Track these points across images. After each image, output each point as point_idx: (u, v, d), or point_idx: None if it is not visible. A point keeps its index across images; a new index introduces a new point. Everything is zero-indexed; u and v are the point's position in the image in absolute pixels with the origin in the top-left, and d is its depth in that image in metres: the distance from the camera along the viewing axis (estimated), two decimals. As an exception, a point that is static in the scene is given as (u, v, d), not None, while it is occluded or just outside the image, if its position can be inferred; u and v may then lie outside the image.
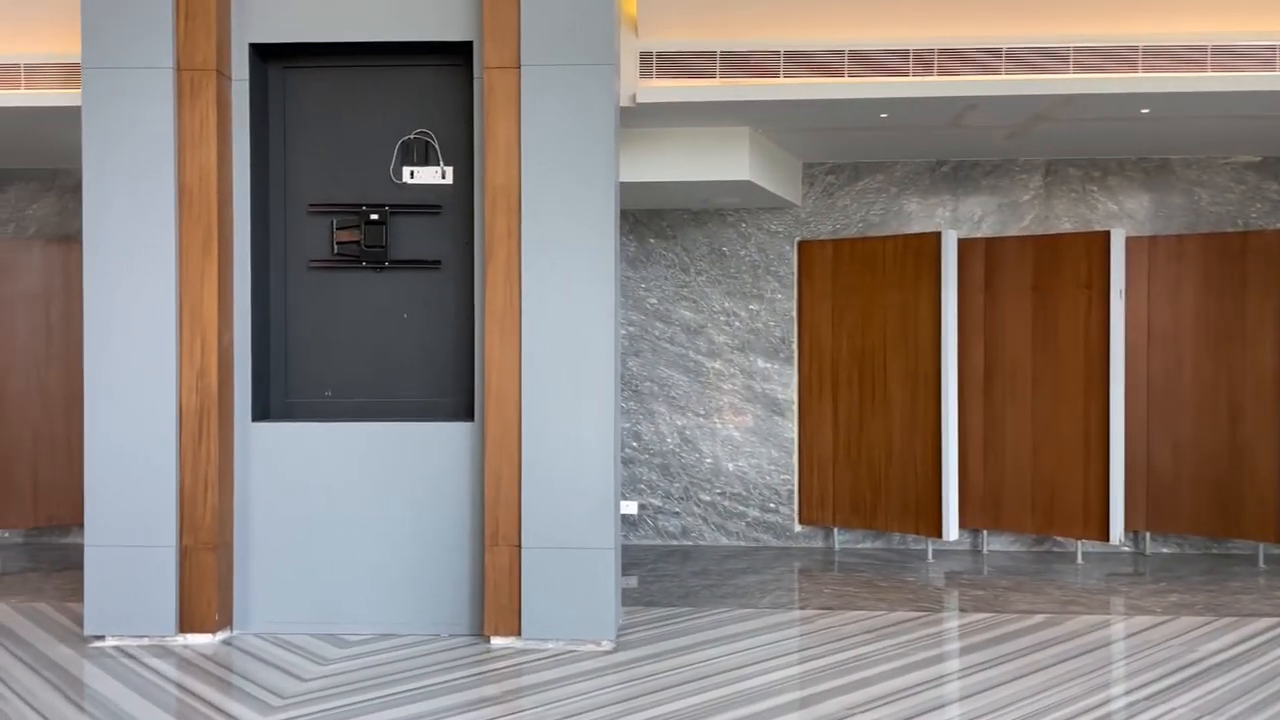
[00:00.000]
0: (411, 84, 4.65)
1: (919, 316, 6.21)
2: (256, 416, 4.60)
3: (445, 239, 4.65)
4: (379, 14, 4.48)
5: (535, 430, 4.36)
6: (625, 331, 6.80)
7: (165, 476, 4.39)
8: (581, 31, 4.31)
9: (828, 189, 6.73)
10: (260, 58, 4.59)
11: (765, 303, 6.75)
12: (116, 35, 4.34)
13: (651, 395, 6.81)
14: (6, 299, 6.43)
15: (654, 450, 6.81)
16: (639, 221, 6.80)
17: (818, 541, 6.77)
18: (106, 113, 4.36)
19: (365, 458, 4.57)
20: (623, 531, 6.82)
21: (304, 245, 4.69)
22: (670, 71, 5.08)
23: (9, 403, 6.46)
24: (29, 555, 6.49)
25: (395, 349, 4.68)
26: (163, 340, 4.37)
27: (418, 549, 4.55)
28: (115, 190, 4.37)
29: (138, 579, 4.41)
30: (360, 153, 4.66)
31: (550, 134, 4.32)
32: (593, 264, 4.34)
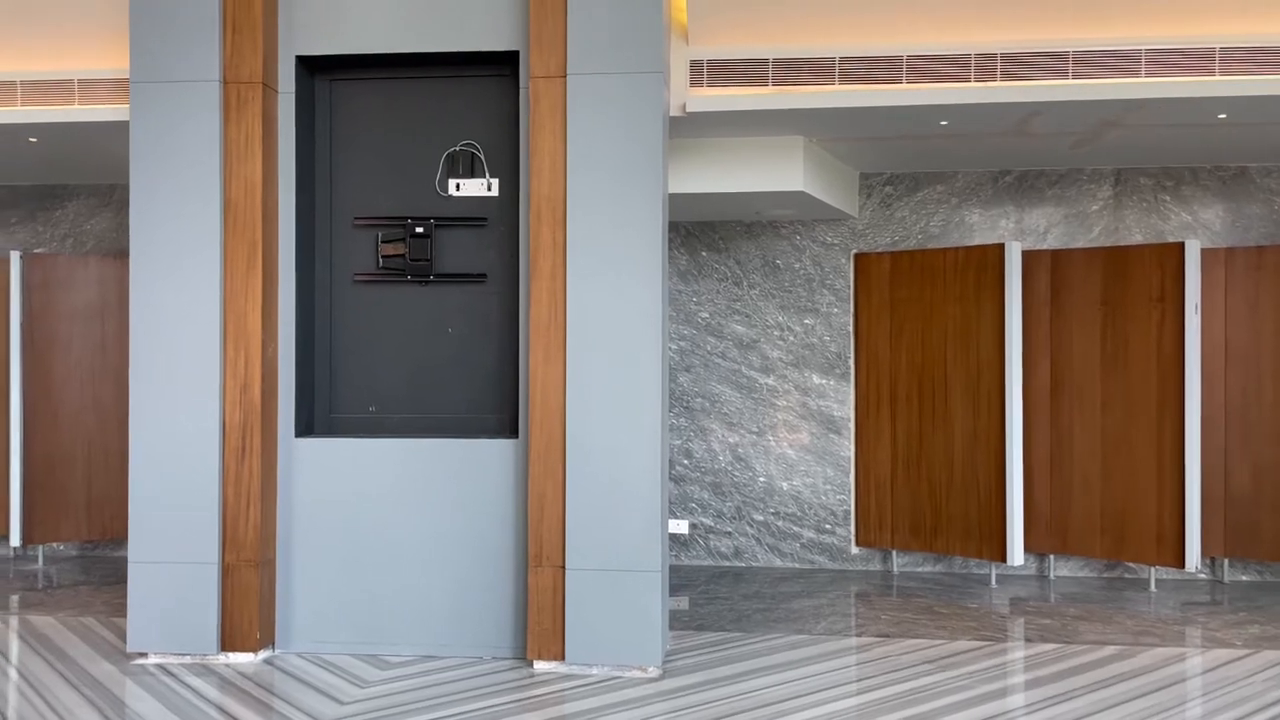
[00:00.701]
0: (458, 95, 4.58)
1: (981, 331, 5.98)
2: (300, 432, 4.54)
3: (491, 252, 4.56)
4: (425, 25, 4.42)
5: (580, 448, 4.23)
6: (676, 346, 6.66)
7: (208, 492, 4.35)
8: (629, 40, 4.20)
9: (886, 200, 6.54)
10: (307, 70, 4.56)
11: (821, 317, 6.57)
12: (164, 49, 4.33)
13: (703, 412, 6.66)
14: (63, 313, 6.49)
15: (705, 468, 6.66)
16: (690, 234, 6.67)
17: (875, 564, 6.55)
18: (154, 126, 4.35)
19: (408, 475, 4.48)
20: (673, 551, 6.67)
21: (349, 259, 4.63)
22: (722, 80, 4.95)
23: (64, 416, 6.52)
24: (81, 568, 6.53)
25: (440, 364, 4.60)
26: (207, 354, 4.34)
27: (460, 569, 4.45)
28: (162, 204, 4.35)
29: (180, 596, 4.37)
30: (406, 165, 4.60)
31: (597, 144, 4.22)
32: (640, 277, 4.22)
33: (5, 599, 5.68)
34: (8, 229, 7.04)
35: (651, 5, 4.20)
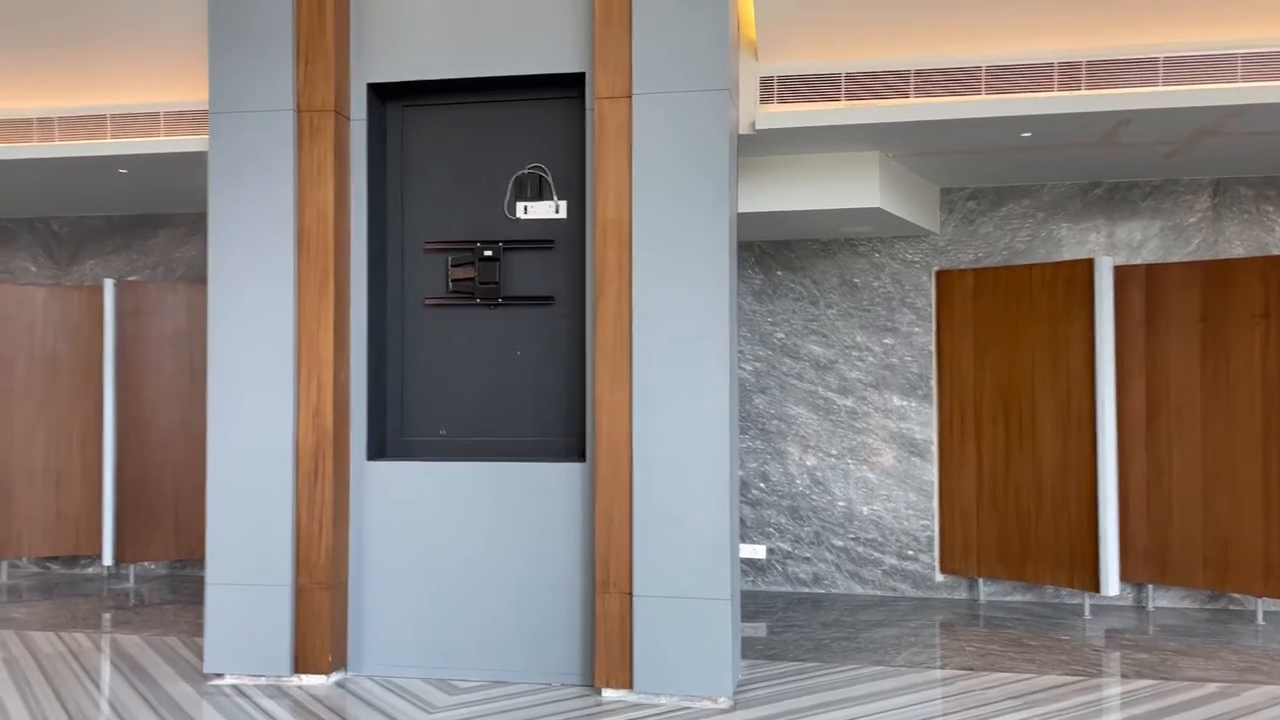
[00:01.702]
0: (526, 118, 4.58)
1: (1071, 351, 5.74)
2: (372, 455, 4.57)
3: (559, 274, 4.53)
4: (493, 50, 4.44)
5: (647, 472, 4.16)
6: (751, 368, 6.55)
7: (282, 515, 4.40)
8: (694, 58, 4.14)
9: (968, 215, 6.34)
10: (378, 97, 4.61)
11: (901, 337, 6.39)
12: (240, 80, 4.43)
13: (779, 434, 6.52)
14: (153, 339, 6.69)
15: (783, 492, 6.52)
16: (765, 253, 6.56)
17: (961, 593, 6.31)
18: (231, 155, 4.44)
19: (478, 498, 4.47)
20: (750, 576, 6.53)
21: (419, 283, 4.66)
22: (792, 96, 4.86)
23: (154, 438, 6.71)
24: (170, 587, 6.69)
25: (508, 387, 4.58)
26: (281, 378, 4.40)
27: (529, 593, 4.41)
28: (238, 231, 4.44)
29: (255, 617, 4.41)
30: (475, 189, 4.61)
31: (662, 164, 4.16)
32: (707, 297, 4.14)
33: (97, 617, 5.84)
34: (103, 257, 7.31)
35: (717, 23, 4.14)
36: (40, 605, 6.18)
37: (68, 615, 5.88)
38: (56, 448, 6.86)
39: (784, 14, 4.57)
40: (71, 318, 6.85)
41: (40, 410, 6.84)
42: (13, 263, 7.48)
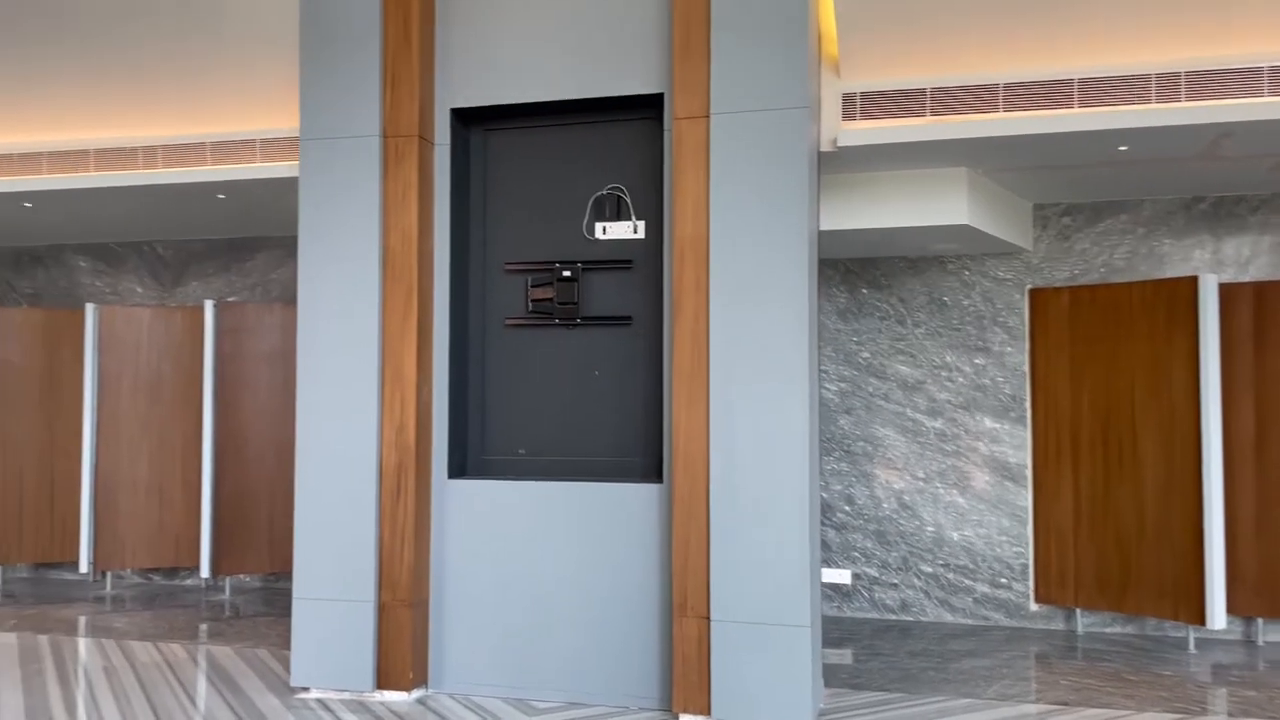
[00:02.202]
0: (605, 139, 4.60)
1: (1173, 371, 5.49)
2: (453, 473, 4.62)
3: (636, 294, 4.53)
4: (573, 72, 4.47)
5: (724, 494, 4.11)
6: (835, 388, 6.44)
7: (365, 531, 4.47)
8: (773, 77, 4.10)
9: (1063, 231, 6.14)
10: (461, 122, 4.69)
11: (993, 357, 6.21)
12: (329, 107, 4.55)
13: (865, 456, 6.39)
14: (250, 358, 6.90)
15: (869, 515, 6.38)
16: (850, 271, 6.46)
17: (1057, 623, 6.08)
18: (320, 180, 4.56)
19: (556, 518, 4.48)
20: (835, 603, 6.40)
21: (500, 303, 4.70)
22: (875, 112, 4.78)
23: (249, 454, 6.91)
24: (264, 600, 6.87)
25: (586, 407, 4.59)
26: (366, 397, 4.48)
27: (607, 615, 4.39)
28: (326, 253, 4.55)
29: (339, 633, 4.49)
30: (555, 210, 4.65)
31: (740, 183, 4.13)
32: (787, 317, 4.08)
33: (194, 628, 6.03)
34: (205, 279, 7.59)
35: (796, 42, 4.09)
36: (140, 616, 6.40)
37: (166, 626, 6.07)
38: (159, 462, 7.12)
39: (866, 30, 4.50)
40: (174, 337, 7.12)
41: (144, 426, 7.12)
42: (121, 284, 7.82)
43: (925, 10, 4.29)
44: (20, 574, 7.85)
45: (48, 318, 7.40)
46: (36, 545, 7.38)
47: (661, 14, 4.37)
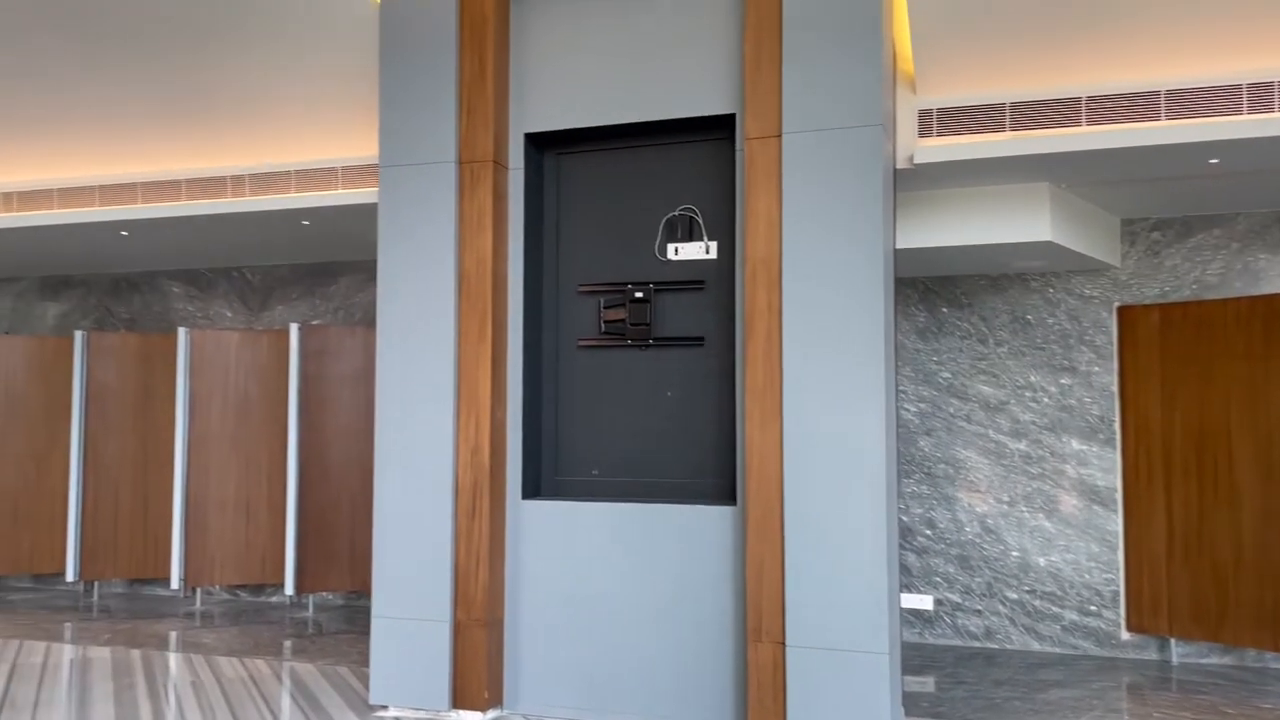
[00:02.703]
0: (677, 160, 4.61)
1: (1272, 391, 5.26)
2: (527, 494, 4.64)
3: (709, 315, 4.51)
4: (645, 95, 4.49)
5: (798, 517, 4.05)
6: (915, 409, 6.32)
7: (441, 551, 4.52)
8: (845, 95, 4.06)
9: (1152, 247, 5.94)
10: (535, 146, 4.74)
11: (1079, 376, 6.03)
12: (407, 135, 4.64)
13: (946, 479, 6.25)
14: (332, 379, 7.06)
15: (950, 540, 6.23)
16: (929, 289, 6.34)
17: (1150, 653, 5.84)
18: (398, 206, 4.65)
19: (629, 539, 4.46)
20: (917, 629, 6.26)
21: (573, 324, 4.73)
22: (953, 128, 4.70)
23: (332, 473, 7.05)
24: (345, 617, 6.99)
25: (659, 428, 4.57)
26: (442, 418, 4.54)
27: (680, 637, 4.36)
28: (404, 277, 4.63)
29: (417, 651, 4.54)
30: (627, 232, 4.66)
31: (813, 202, 4.09)
32: (861, 337, 4.02)
33: (278, 644, 6.16)
34: (290, 303, 7.79)
35: (870, 59, 4.05)
36: (228, 631, 6.56)
37: (251, 642, 6.22)
38: (247, 481, 7.32)
39: (942, 46, 4.43)
40: (261, 359, 7.32)
41: (233, 446, 7.32)
42: (211, 309, 8.08)
43: (1001, 24, 4.21)
44: (116, 589, 8.12)
45: (143, 341, 7.68)
46: (131, 561, 7.64)
47: (732, 35, 4.36)
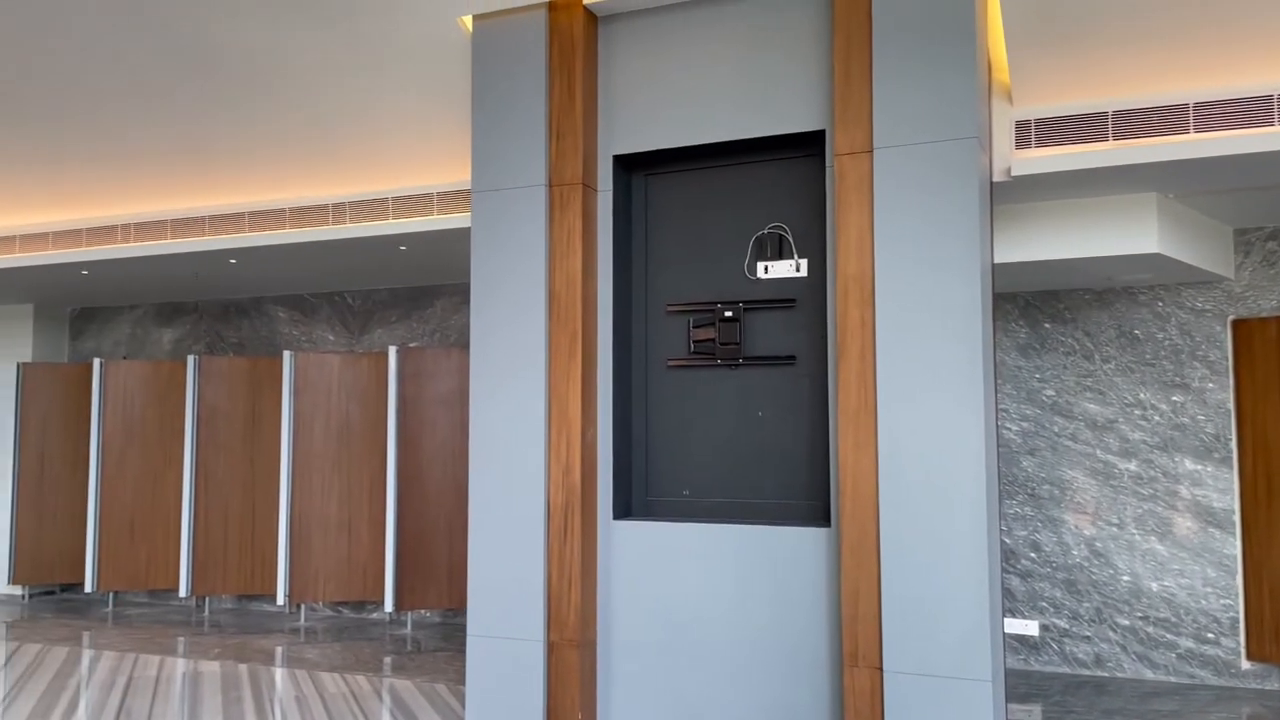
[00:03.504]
0: (766, 178, 4.58)
1: (1405, 408, 4.95)
2: (618, 514, 4.64)
3: (800, 334, 4.46)
4: (733, 114, 4.48)
5: (895, 539, 3.96)
6: (1017, 427, 6.13)
7: (534, 570, 4.55)
8: (938, 108, 3.98)
9: (1268, 257, 5.67)
10: (623, 168, 4.77)
11: (1192, 393, 5.77)
12: (498, 160, 4.72)
13: (1052, 500, 6.04)
14: (430, 400, 7.20)
15: (1056, 563, 6.01)
16: (1030, 304, 6.16)
17: (1272, 682, 5.53)
18: (489, 230, 4.73)
19: (721, 561, 4.42)
20: (1021, 654, 6.05)
21: (662, 344, 4.73)
22: (1052, 138, 4.56)
23: (429, 492, 7.18)
24: (443, 635, 7.08)
25: (750, 448, 4.53)
26: (533, 438, 4.58)
27: (774, 660, 4.29)
28: (496, 299, 4.70)
29: (510, 671, 4.57)
30: (716, 251, 4.64)
31: (906, 217, 4.01)
32: (958, 355, 3.92)
33: (378, 661, 6.28)
34: (388, 326, 7.98)
35: (963, 71, 3.96)
36: (330, 647, 6.72)
37: (353, 658, 6.35)
38: (348, 500, 7.50)
39: (1038, 55, 4.31)
40: (361, 381, 7.51)
41: (335, 465, 7.52)
42: (314, 332, 8.33)
43: (1100, 30, 4.08)
44: (225, 605, 8.39)
45: (251, 365, 7.96)
46: (240, 578, 7.89)
47: (821, 51, 4.33)
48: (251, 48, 4.71)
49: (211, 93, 5.16)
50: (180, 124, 5.54)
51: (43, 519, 8.64)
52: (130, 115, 5.42)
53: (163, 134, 5.67)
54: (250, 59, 4.81)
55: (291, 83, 5.06)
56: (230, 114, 5.41)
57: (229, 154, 5.94)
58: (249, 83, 5.05)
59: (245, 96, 5.20)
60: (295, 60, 4.83)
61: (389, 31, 4.63)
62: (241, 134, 5.65)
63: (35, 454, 8.69)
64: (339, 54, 4.79)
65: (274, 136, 5.70)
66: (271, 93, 5.17)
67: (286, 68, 4.90)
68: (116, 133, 5.65)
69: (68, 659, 6.34)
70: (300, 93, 5.17)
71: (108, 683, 5.69)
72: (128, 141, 5.80)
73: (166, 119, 5.48)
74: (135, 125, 5.56)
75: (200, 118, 5.46)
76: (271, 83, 5.06)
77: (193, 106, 5.31)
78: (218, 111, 5.38)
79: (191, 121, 5.51)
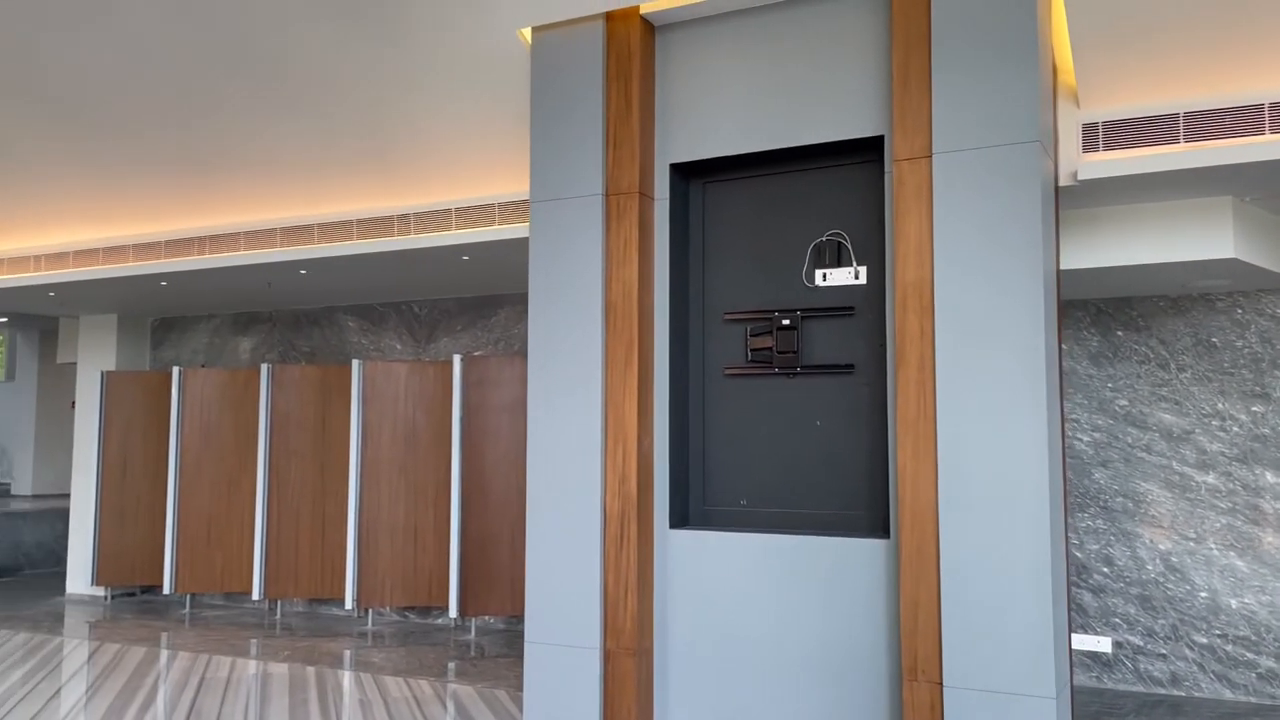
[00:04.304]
0: (823, 185, 4.53)
1: None
2: (674, 523, 4.63)
3: (858, 342, 4.40)
4: (791, 120, 4.45)
5: (954, 552, 3.88)
6: (1089, 438, 5.97)
7: (591, 578, 4.56)
8: (999, 111, 3.90)
9: (1356, 262, 5.44)
10: (680, 176, 4.77)
11: (1273, 404, 5.56)
12: (556, 170, 4.76)
13: (1125, 513, 5.86)
14: (493, 408, 7.27)
15: (1130, 578, 5.83)
16: (1101, 312, 5.99)
17: (1364, 708, 5.29)
18: (547, 239, 4.76)
19: (779, 571, 4.38)
20: (1093, 671, 5.88)
21: (719, 353, 4.71)
22: (1120, 141, 4.44)
23: (492, 500, 7.25)
24: (506, 641, 7.14)
25: (808, 458, 4.49)
26: (589, 447, 4.59)
27: (832, 672, 4.24)
28: (553, 308, 4.73)
29: (568, 678, 4.58)
30: (773, 258, 4.62)
31: (967, 224, 3.94)
32: (1021, 362, 3.83)
33: (441, 666, 6.35)
34: (454, 335, 8.09)
35: (1025, 73, 3.88)
36: (396, 651, 6.82)
37: (417, 663, 6.44)
38: (414, 507, 7.61)
39: (1105, 55, 4.20)
40: (427, 389, 7.63)
41: (401, 472, 7.64)
42: (382, 342, 8.49)
43: (1170, 30, 3.96)
44: (296, 608, 8.58)
45: (321, 373, 8.14)
46: (310, 582, 8.06)
47: (880, 55, 4.28)
48: (319, 62, 4.83)
49: (281, 108, 5.29)
50: (252, 139, 5.70)
51: (124, 522, 8.94)
52: (204, 130, 5.59)
53: (235, 148, 5.84)
54: (318, 73, 4.93)
55: (358, 96, 5.17)
56: (298, 127, 5.55)
57: (298, 167, 6.10)
58: (317, 97, 5.17)
59: (313, 110, 5.33)
60: (361, 74, 4.94)
61: (451, 45, 4.71)
62: (310, 147, 5.79)
63: (118, 460, 8.99)
64: (404, 67, 4.88)
65: (341, 149, 5.83)
66: (339, 106, 5.29)
67: (352, 81, 5.01)
68: (191, 147, 5.83)
69: (144, 659, 6.54)
70: (366, 106, 5.28)
71: (181, 682, 5.86)
72: (202, 155, 5.98)
73: (239, 133, 5.64)
74: (208, 140, 5.73)
75: (270, 132, 5.61)
76: (339, 97, 5.17)
77: (263, 122, 5.46)
78: (287, 126, 5.52)
79: (262, 136, 5.66)
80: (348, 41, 4.61)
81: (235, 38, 4.56)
